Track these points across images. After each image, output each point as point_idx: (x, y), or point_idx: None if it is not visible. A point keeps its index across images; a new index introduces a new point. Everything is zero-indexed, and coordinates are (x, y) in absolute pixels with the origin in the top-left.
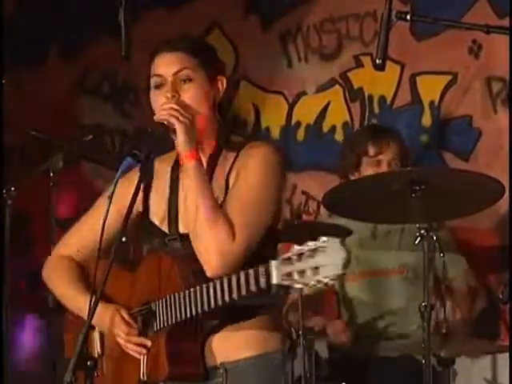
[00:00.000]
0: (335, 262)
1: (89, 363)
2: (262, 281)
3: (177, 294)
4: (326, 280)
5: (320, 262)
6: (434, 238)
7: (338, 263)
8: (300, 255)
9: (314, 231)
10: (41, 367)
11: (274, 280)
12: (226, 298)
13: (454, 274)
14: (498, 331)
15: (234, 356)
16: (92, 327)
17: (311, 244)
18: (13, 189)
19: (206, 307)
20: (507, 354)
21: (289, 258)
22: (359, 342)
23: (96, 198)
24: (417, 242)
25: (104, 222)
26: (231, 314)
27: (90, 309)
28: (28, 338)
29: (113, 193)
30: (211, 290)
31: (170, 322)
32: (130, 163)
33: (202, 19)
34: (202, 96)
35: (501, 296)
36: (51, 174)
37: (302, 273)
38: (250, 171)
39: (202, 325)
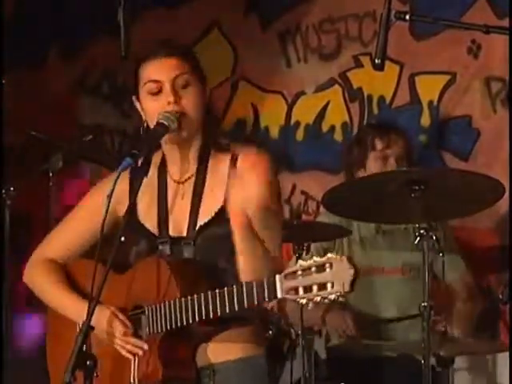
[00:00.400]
0: (343, 279)
1: (88, 363)
2: (266, 294)
3: (173, 301)
4: (332, 297)
5: (327, 278)
6: (434, 237)
7: (346, 280)
8: (306, 270)
9: (313, 231)
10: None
11: (279, 294)
12: (227, 309)
13: (452, 277)
14: (498, 331)
15: (221, 357)
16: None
17: (318, 259)
18: (12, 189)
19: (204, 317)
20: (507, 354)
21: (294, 273)
22: (358, 343)
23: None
24: (416, 242)
25: (103, 222)
26: (225, 322)
27: (89, 309)
28: (28, 337)
29: (112, 192)
30: (212, 300)
31: (164, 328)
32: (130, 163)
33: (202, 19)
34: (199, 100)
35: (501, 296)
36: (51, 174)
37: (308, 288)
38: (261, 186)
39: (196, 331)
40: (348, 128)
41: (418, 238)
